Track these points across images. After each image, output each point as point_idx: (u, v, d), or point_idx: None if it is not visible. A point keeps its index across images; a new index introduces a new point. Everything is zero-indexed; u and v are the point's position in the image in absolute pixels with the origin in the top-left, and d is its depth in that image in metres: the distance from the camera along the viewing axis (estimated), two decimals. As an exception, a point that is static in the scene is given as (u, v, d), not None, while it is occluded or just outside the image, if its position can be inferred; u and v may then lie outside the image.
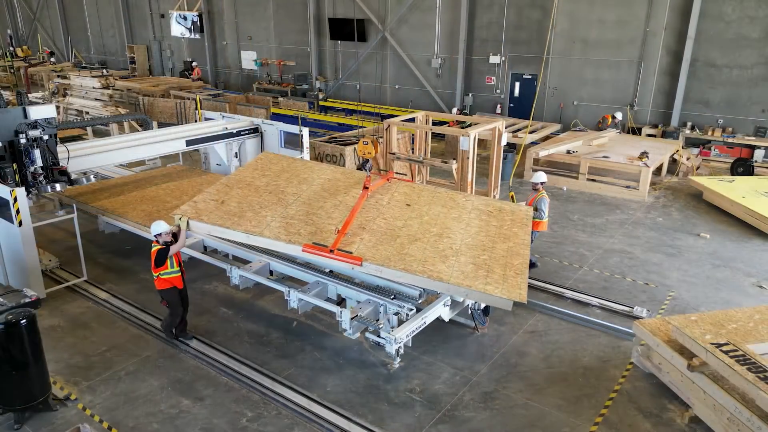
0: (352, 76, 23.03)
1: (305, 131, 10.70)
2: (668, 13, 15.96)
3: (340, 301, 6.97)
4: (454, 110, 18.53)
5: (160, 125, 16.74)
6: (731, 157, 15.33)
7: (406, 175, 9.49)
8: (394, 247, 6.38)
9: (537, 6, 17.98)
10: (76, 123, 15.42)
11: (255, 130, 11.33)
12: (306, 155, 10.79)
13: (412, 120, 13.14)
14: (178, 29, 26.69)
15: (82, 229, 8.75)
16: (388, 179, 8.08)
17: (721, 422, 5.44)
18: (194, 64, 27.32)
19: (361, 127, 16.16)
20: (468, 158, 11.03)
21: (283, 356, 6.81)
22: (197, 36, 26.52)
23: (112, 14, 31.41)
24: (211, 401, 6.01)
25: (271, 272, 7.57)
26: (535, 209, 8.60)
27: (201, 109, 15.73)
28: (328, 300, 6.90)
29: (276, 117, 17.94)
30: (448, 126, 14.85)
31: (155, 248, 6.56)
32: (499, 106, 19.56)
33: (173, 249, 6.60)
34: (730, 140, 15.46)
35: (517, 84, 19.12)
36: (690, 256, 9.85)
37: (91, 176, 9.29)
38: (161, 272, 6.60)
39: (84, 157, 8.90)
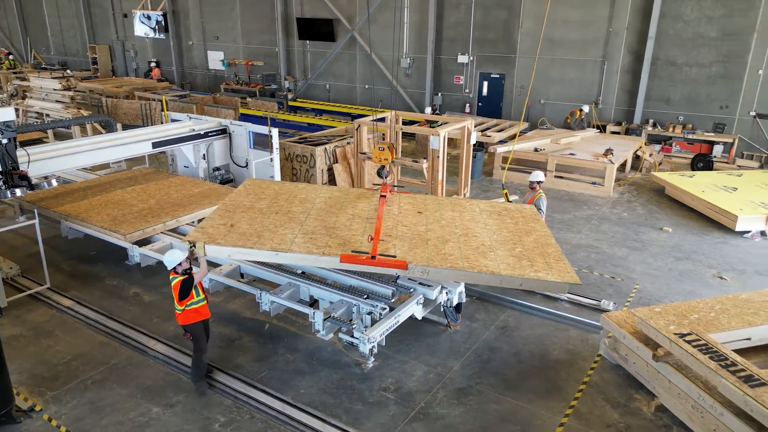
0: (322, 76, 22.95)
1: (275, 132, 10.61)
2: (630, 14, 16.38)
3: (313, 303, 6.94)
4: (428, 110, 18.62)
5: (125, 127, 16.39)
6: (691, 153, 15.83)
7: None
8: (429, 249, 6.31)
9: (503, 6, 18.22)
10: (37, 126, 14.95)
11: (223, 131, 11.18)
12: (276, 156, 10.70)
13: (383, 119, 13.16)
14: (141, 29, 26.12)
15: (44, 235, 8.50)
16: (391, 190, 8.05)
17: (686, 410, 5.61)
18: (152, 64, 26.82)
19: (331, 127, 16.12)
20: (438, 157, 11.11)
21: (255, 359, 6.74)
22: (162, 36, 26.02)
23: (73, 14, 30.57)
24: (182, 407, 5.92)
25: (241, 275, 7.50)
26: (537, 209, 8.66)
27: (167, 110, 15.43)
28: (301, 302, 6.86)
29: (244, 118, 17.74)
30: (419, 125, 14.93)
31: (177, 279, 5.88)
32: (468, 105, 19.75)
33: (198, 277, 6.02)
34: (690, 136, 15.95)
35: (485, 83, 19.35)
36: (654, 249, 10.13)
37: (53, 180, 9.01)
38: (188, 304, 5.93)
39: (45, 161, 8.64)
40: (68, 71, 26.30)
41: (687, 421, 5.62)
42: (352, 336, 6.06)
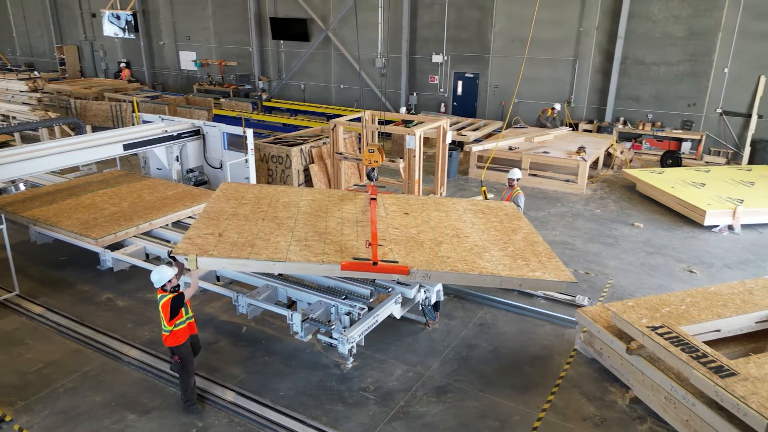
0: (296, 76, 22.82)
1: (249, 132, 10.51)
2: (599, 14, 16.68)
3: (291, 304, 6.89)
4: (403, 109, 18.65)
5: (95, 129, 16.04)
6: (661, 150, 16.20)
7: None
8: (426, 252, 6.29)
9: (476, 6, 18.37)
10: (3, 129, 14.52)
11: (196, 133, 11.04)
12: (251, 157, 10.60)
13: (358, 119, 13.15)
14: (111, 29, 25.58)
15: (12, 240, 8.28)
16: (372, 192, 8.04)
17: (659, 401, 5.74)
18: (122, 65, 26.35)
19: (306, 127, 16.04)
20: (415, 157, 11.15)
21: (233, 363, 6.67)
22: (132, 36, 25.53)
23: (39, 13, 29.79)
24: (159, 413, 5.82)
25: (217, 278, 7.41)
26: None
27: (138, 111, 15.16)
28: (278, 303, 6.81)
29: (218, 118, 17.55)
30: (395, 125, 14.95)
31: (166, 298, 5.54)
32: (443, 104, 19.86)
33: (188, 293, 5.76)
34: (659, 134, 16.32)
35: (460, 83, 19.49)
36: (626, 245, 10.33)
37: (21, 185, 8.80)
38: (177, 323, 5.60)
39: (12, 165, 8.42)
40: (35, 72, 25.65)
41: (660, 412, 5.75)
42: (331, 337, 6.04)
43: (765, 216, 11.17)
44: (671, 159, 15.39)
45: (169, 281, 5.57)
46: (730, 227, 11.04)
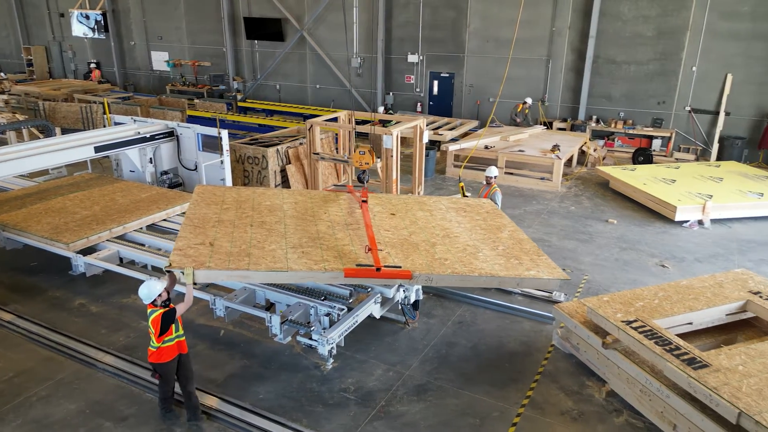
0: (271, 76, 22.64)
1: (224, 133, 10.40)
2: (571, 14, 16.93)
3: (269, 306, 6.83)
4: (380, 108, 18.63)
5: (64, 131, 15.68)
6: (632, 147, 16.52)
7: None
8: (422, 254, 6.29)
9: (450, 6, 18.47)
10: (-33, 131, 14.10)
11: (170, 134, 10.87)
12: (226, 158, 10.49)
13: (335, 119, 13.11)
14: (80, 29, 24.98)
15: (-21, 246, 8.05)
16: (360, 193, 8.00)
17: (635, 394, 5.86)
18: (92, 66, 25.81)
19: (282, 127, 15.93)
20: (392, 156, 11.16)
21: (211, 367, 6.59)
22: (102, 36, 25.00)
23: (5, 13, 28.96)
24: (135, 420, 5.72)
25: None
26: None
27: (110, 113, 14.87)
28: (257, 306, 6.75)
29: (192, 119, 17.33)
30: (372, 125, 14.95)
31: (157, 313, 5.27)
32: (419, 104, 19.93)
33: (182, 309, 5.43)
34: (630, 132, 16.65)
35: (436, 82, 19.58)
36: (600, 241, 10.51)
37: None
38: (165, 339, 5.35)
39: (-22, 169, 8.19)
40: (1, 74, 24.94)
41: (636, 405, 5.86)
42: (311, 338, 6.01)
43: (733, 211, 11.48)
44: (642, 156, 15.71)
45: (159, 295, 5.31)
46: (700, 222, 11.31)
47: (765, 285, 6.92)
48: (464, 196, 9.57)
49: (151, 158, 10.87)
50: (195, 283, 5.55)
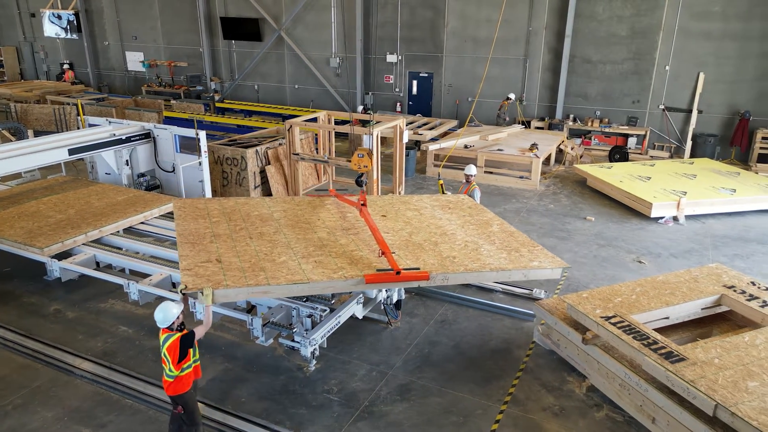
0: (249, 77, 22.46)
1: (202, 134, 10.27)
2: (547, 14, 17.13)
3: (251, 309, 6.78)
4: (360, 108, 18.59)
5: (37, 134, 15.31)
6: (609, 146, 16.78)
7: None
8: (430, 254, 6.32)
9: (428, 6, 18.54)
10: (-66, 134, 13.72)
11: (147, 136, 10.71)
12: (204, 160, 10.37)
13: (314, 120, 13.05)
14: (52, 29, 24.45)
15: (-52, 252, 7.83)
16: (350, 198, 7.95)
17: (614, 388, 5.95)
18: (65, 67, 25.30)
19: (261, 128, 15.81)
20: (372, 156, 11.15)
21: (192, 371, 6.51)
22: (74, 36, 24.52)
23: (-28, 12, 28.24)
24: (115, 427, 5.62)
25: (173, 284, 7.21)
26: None
27: (84, 114, 14.59)
28: (237, 309, 6.69)
29: (169, 121, 17.08)
30: (351, 125, 14.92)
31: (174, 338, 4.86)
32: (398, 104, 19.96)
33: (200, 332, 5.05)
34: (607, 130, 16.91)
35: (415, 82, 19.63)
36: (579, 238, 10.65)
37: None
38: (184, 366, 4.94)
39: (-54, 173, 7.96)
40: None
41: (616, 399, 5.96)
42: (293, 340, 5.98)
43: (707, 207, 11.74)
44: (619, 154, 15.97)
45: (177, 318, 4.95)
46: (675, 218, 11.54)
47: (739, 279, 7.09)
48: (443, 194, 9.63)
49: (127, 160, 10.69)
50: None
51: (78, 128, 14.36)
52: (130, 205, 9.02)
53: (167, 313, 4.93)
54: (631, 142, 16.69)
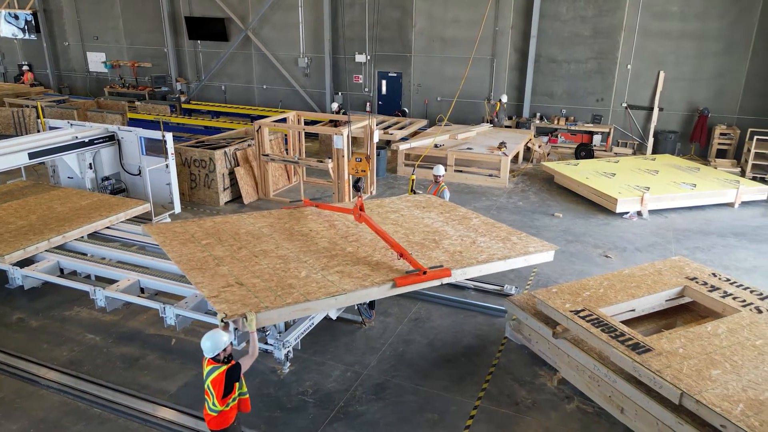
0: (216, 77, 22.14)
1: (169, 136, 10.09)
2: (513, 14, 17.37)
3: (222, 312, 6.68)
4: (334, 105, 18.41)
5: (-5, 137, 14.81)
6: (575, 143, 17.14)
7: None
8: (438, 252, 6.40)
9: (396, 6, 18.59)
10: None
11: (111, 138, 10.47)
12: (171, 162, 10.19)
13: (284, 120, 12.97)
14: (8, 29, 23.62)
15: None
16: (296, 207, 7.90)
17: (584, 380, 6.08)
18: (24, 68, 24.52)
19: (229, 129, 15.60)
20: (343, 156, 11.14)
21: (162, 377, 6.39)
22: (33, 37, 23.76)
23: None
24: (84, 437, 5.48)
25: (142, 290, 7.06)
26: None
27: (44, 117, 14.16)
28: (209, 312, 6.59)
29: (134, 122, 16.69)
30: (322, 125, 14.87)
31: (219, 371, 4.49)
32: (368, 104, 19.95)
33: (247, 363, 4.67)
34: (572, 128, 17.26)
35: (384, 82, 19.66)
36: (547, 234, 10.84)
37: None
38: (230, 401, 4.61)
39: None
40: None
41: (586, 391, 6.09)
42: (266, 342, 5.93)
43: (669, 202, 12.09)
44: (584, 151, 16.31)
45: (224, 349, 4.57)
46: (639, 213, 11.86)
47: (700, 271, 7.34)
48: (412, 190, 9.67)
49: (90, 164, 10.43)
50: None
51: (38, 131, 13.93)
52: (95, 210, 8.79)
53: (216, 341, 4.53)
54: (596, 139, 17.08)
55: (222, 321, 4.82)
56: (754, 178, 13.99)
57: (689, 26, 15.69)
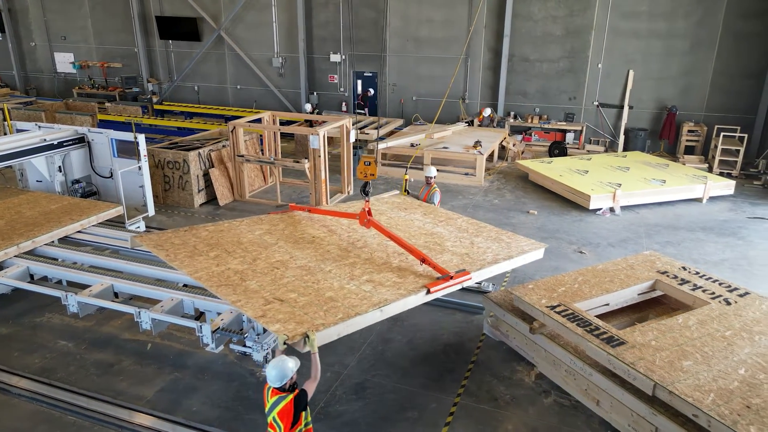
0: (189, 78, 21.83)
1: (141, 138, 9.91)
2: (486, 14, 17.54)
3: (199, 316, 6.59)
4: (308, 106, 18.32)
5: (-42, 140, 14.35)
6: (548, 141, 17.39)
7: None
8: (447, 255, 6.43)
9: (370, 5, 18.59)
10: None
11: (81, 140, 10.23)
12: (144, 164, 10.02)
13: (259, 121, 12.86)
14: (-30, 29, 23.00)
15: None
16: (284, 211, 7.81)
17: (561, 374, 6.19)
18: None
19: (203, 130, 15.42)
20: (320, 156, 11.11)
21: (138, 383, 6.30)
22: (-3, 36, 23.13)
23: None
24: (58, 446, 5.37)
25: (116, 294, 6.93)
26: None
27: (10, 119, 13.79)
28: (185, 316, 6.49)
29: (104, 124, 16.38)
30: (298, 125, 14.79)
31: (287, 400, 4.21)
32: (344, 103, 19.92)
33: (311, 389, 4.45)
34: (546, 126, 17.51)
35: (359, 81, 19.64)
36: (523, 231, 10.96)
37: None
38: (298, 429, 4.32)
39: None
40: None
41: (563, 385, 6.20)
42: (245, 345, 5.87)
43: (640, 198, 12.36)
44: (558, 149, 16.57)
45: (291, 378, 4.31)
46: (612, 209, 12.09)
47: (671, 265, 7.52)
48: (406, 191, 9.51)
49: (60, 167, 10.19)
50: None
51: (5, 134, 13.55)
52: (65, 214, 8.59)
53: (284, 369, 4.22)
54: (569, 137, 17.36)
55: (285, 344, 4.52)
56: (720, 174, 14.40)
57: (657, 26, 16.05)
